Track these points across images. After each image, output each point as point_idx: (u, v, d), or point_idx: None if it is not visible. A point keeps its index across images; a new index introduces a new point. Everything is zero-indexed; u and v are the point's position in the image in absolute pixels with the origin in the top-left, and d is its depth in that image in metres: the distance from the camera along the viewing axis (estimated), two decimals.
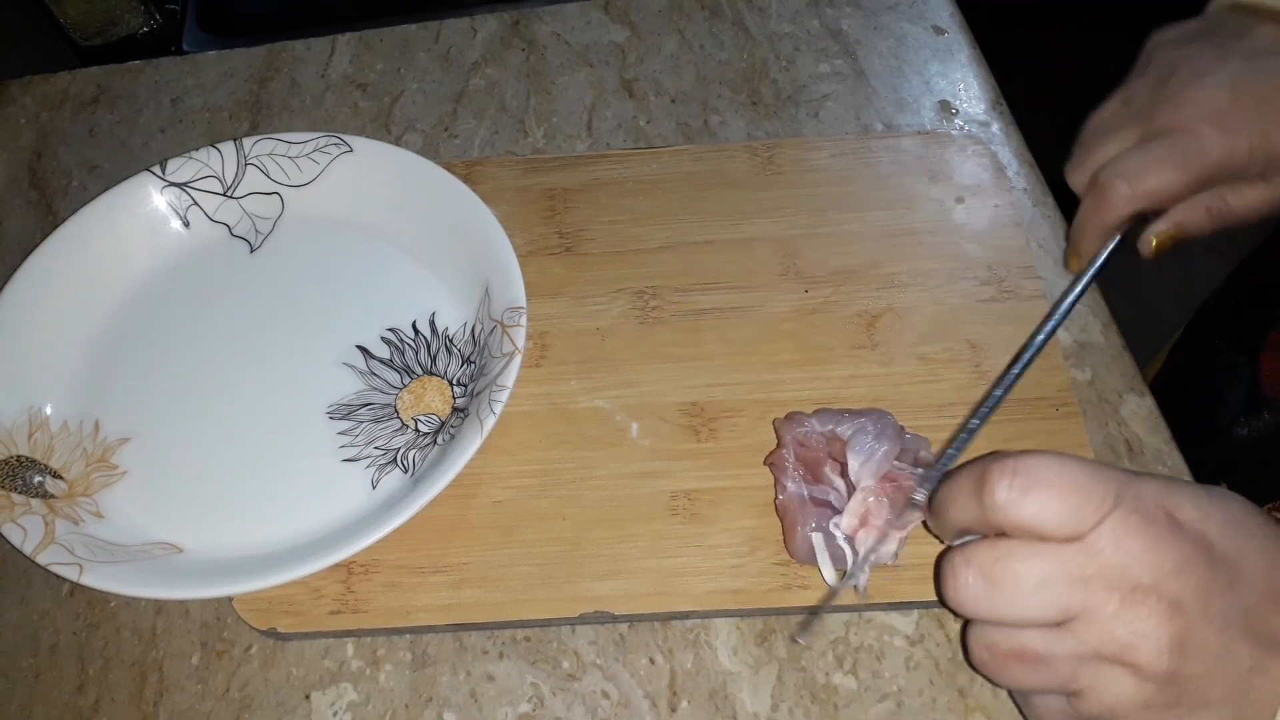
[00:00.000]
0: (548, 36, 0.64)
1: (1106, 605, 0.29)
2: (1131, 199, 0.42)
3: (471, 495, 0.44)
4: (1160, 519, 0.29)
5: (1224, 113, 0.41)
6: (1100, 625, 0.29)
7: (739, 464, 0.44)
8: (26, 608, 0.45)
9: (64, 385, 0.48)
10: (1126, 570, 0.29)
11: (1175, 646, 0.28)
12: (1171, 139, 0.42)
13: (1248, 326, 0.59)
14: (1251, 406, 0.56)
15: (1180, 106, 0.42)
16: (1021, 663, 0.31)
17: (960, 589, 0.30)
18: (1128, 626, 0.29)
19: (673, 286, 0.50)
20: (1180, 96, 0.42)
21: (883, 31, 0.63)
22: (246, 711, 0.41)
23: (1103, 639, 0.29)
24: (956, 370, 0.47)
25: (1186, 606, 0.29)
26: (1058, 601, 0.29)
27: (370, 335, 0.49)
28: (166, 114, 0.63)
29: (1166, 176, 0.41)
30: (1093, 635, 0.29)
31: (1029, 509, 0.29)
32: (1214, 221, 0.44)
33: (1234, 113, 0.41)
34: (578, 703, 0.41)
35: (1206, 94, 0.42)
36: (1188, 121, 0.42)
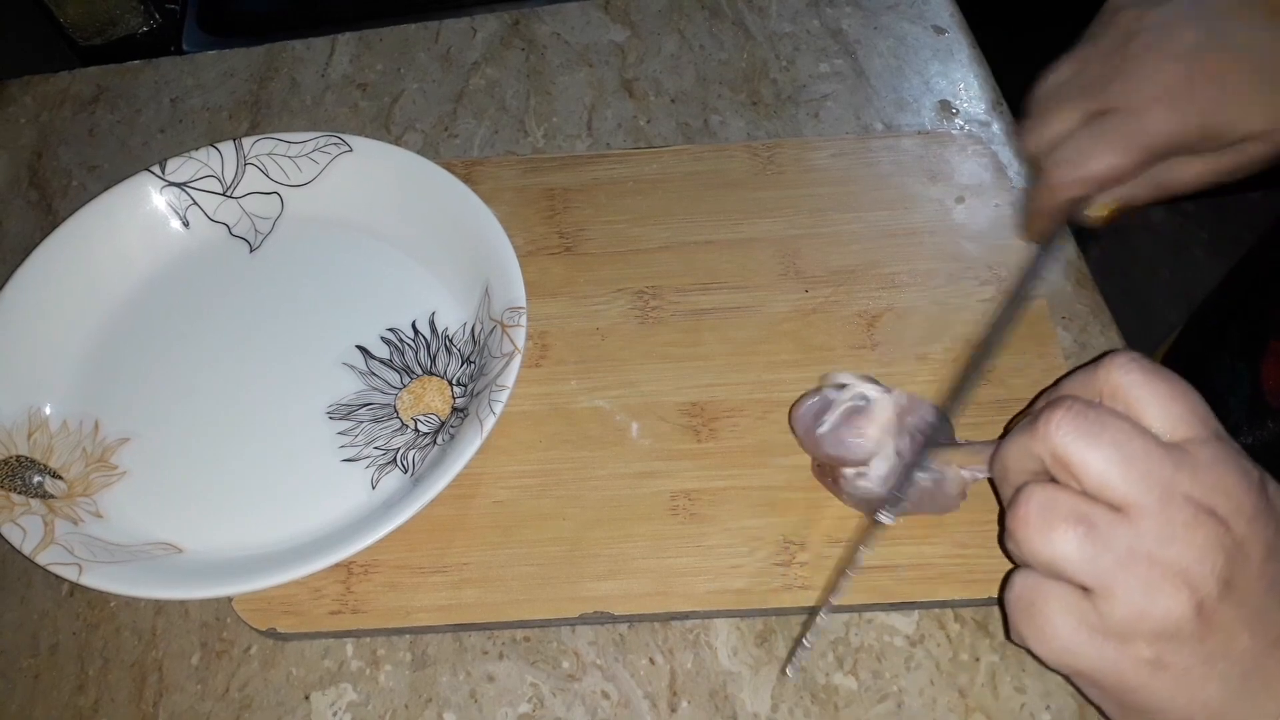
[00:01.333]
0: (548, 36, 0.64)
1: (1181, 512, 0.28)
2: (1077, 185, 0.42)
3: (471, 495, 0.44)
4: (1255, 475, 0.30)
5: (1176, 91, 0.40)
6: (1167, 529, 0.28)
7: (739, 464, 0.44)
8: (26, 608, 0.45)
9: (64, 385, 0.48)
10: (1212, 492, 0.29)
11: (1224, 581, 0.28)
12: (1120, 120, 0.41)
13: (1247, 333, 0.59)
14: (1254, 415, 0.56)
15: (1133, 82, 0.41)
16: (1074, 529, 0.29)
17: (1061, 425, 0.29)
18: (1191, 541, 0.28)
19: (673, 286, 0.50)
20: (1134, 71, 0.41)
21: (883, 31, 0.63)
22: (246, 711, 0.41)
23: (1163, 541, 0.28)
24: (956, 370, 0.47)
25: (1248, 551, 0.29)
26: (1141, 482, 0.28)
27: (370, 335, 0.49)
28: (166, 114, 0.63)
29: (1113, 161, 0.41)
30: (1155, 535, 0.28)
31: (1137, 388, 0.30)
32: (1157, 193, 0.44)
33: (1186, 91, 0.40)
34: (578, 703, 0.41)
35: (1158, 69, 0.41)
36: (1139, 100, 0.40)
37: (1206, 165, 0.42)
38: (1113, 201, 0.44)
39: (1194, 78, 0.40)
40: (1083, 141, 0.41)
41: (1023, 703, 0.40)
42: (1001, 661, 0.41)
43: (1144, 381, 0.30)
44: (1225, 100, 0.40)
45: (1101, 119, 0.41)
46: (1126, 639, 0.29)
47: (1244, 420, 0.56)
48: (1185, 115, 0.40)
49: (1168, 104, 0.40)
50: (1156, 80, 0.40)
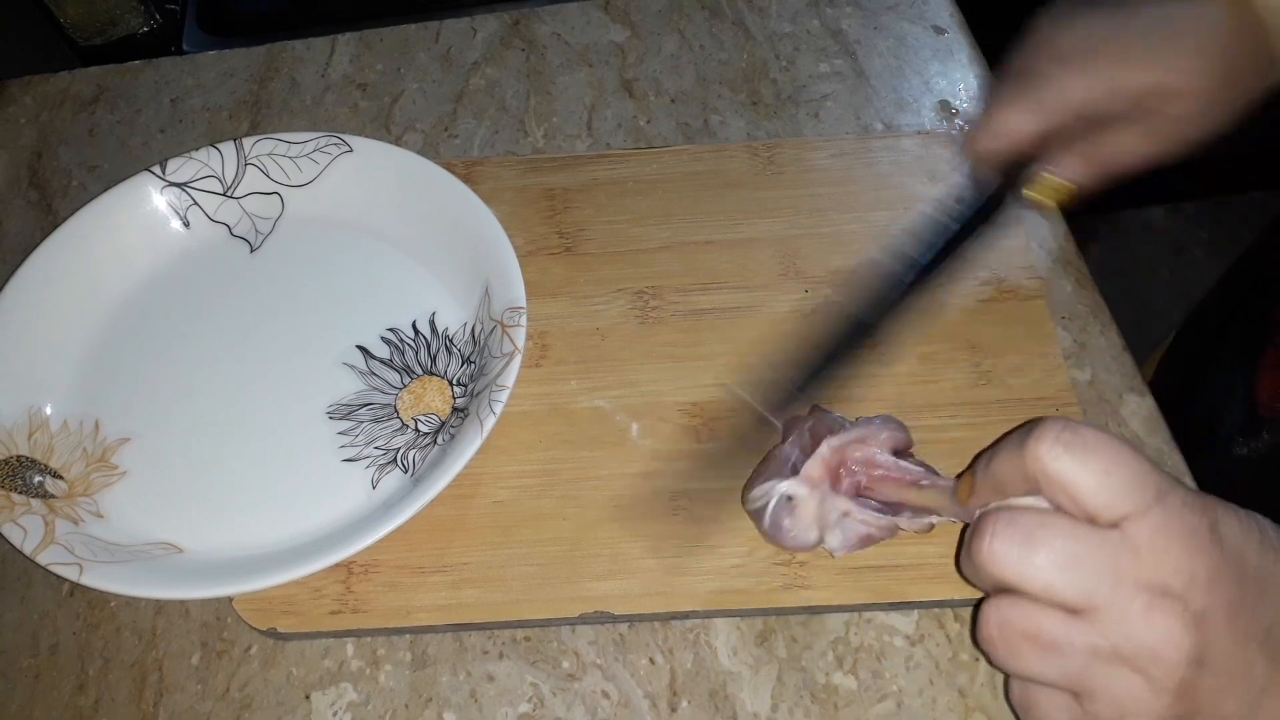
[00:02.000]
0: (548, 36, 0.64)
1: (1133, 602, 0.28)
2: (986, 139, 0.43)
3: (471, 495, 0.44)
4: (1202, 527, 0.29)
5: (1076, 54, 0.42)
6: (1124, 622, 0.28)
7: (739, 464, 0.44)
8: (26, 608, 0.45)
9: (64, 385, 0.48)
10: (1160, 571, 0.28)
11: (1195, 659, 0.28)
12: (1029, 80, 0.42)
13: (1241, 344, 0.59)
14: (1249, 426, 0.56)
15: (1034, 51, 0.43)
16: (1035, 646, 0.29)
17: (994, 543, 0.29)
18: (1151, 629, 0.28)
19: (673, 286, 0.50)
20: (1034, 44, 0.43)
21: (883, 31, 0.63)
22: (246, 711, 0.41)
23: (1123, 636, 0.28)
24: (956, 370, 0.47)
25: (1211, 621, 0.28)
26: (1086, 583, 0.28)
27: (370, 335, 0.49)
28: (166, 114, 0.63)
29: (1015, 117, 0.42)
30: (1114, 631, 0.28)
31: (1068, 465, 0.28)
32: (1094, 169, 0.44)
33: (1083, 53, 0.41)
34: (578, 703, 0.41)
35: (1061, 38, 0.42)
36: (1038, 63, 0.42)
37: (1138, 135, 0.43)
38: (1057, 184, 0.44)
39: (1091, 41, 0.42)
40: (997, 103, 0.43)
41: None
42: None
43: (1072, 464, 0.29)
44: (1120, 57, 0.41)
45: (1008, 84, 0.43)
46: None
47: (1238, 431, 0.56)
48: (1084, 74, 0.41)
49: (1067, 66, 0.42)
50: (1057, 46, 0.42)
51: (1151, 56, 0.41)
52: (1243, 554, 0.29)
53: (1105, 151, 0.43)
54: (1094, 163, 0.44)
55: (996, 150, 0.43)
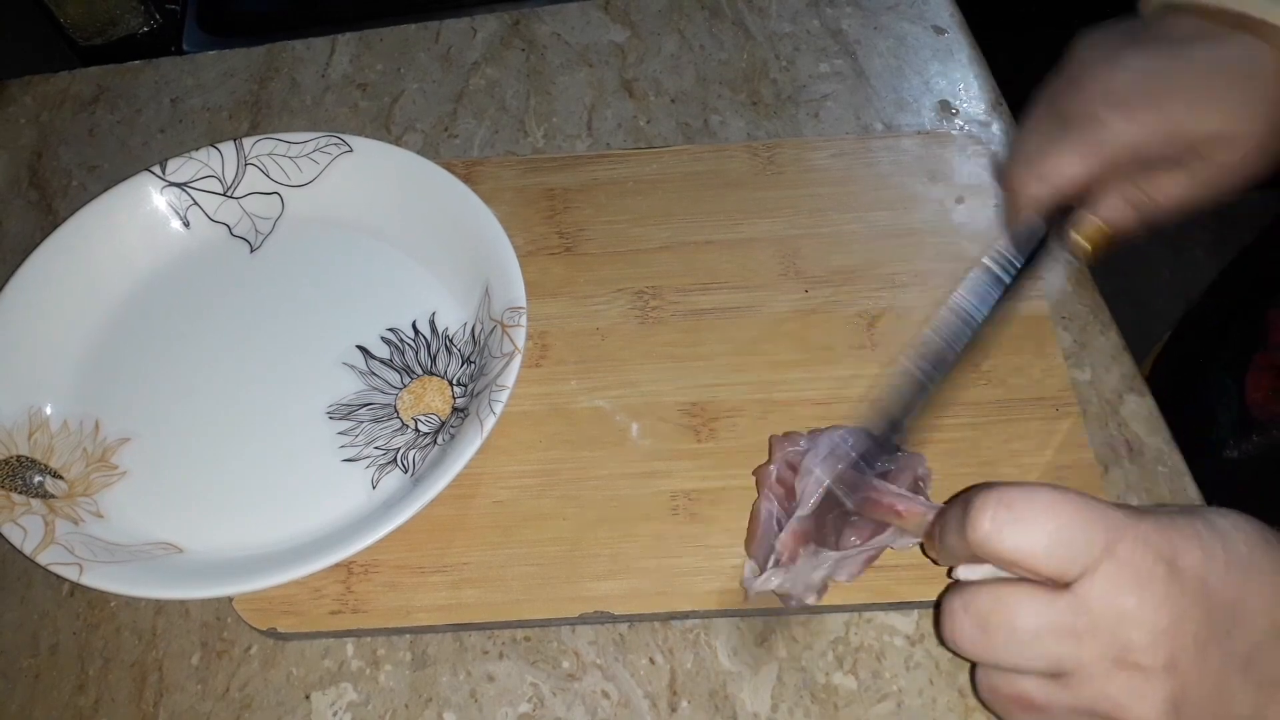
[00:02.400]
0: (548, 36, 0.64)
1: (1099, 664, 0.28)
2: (1034, 184, 0.42)
3: (471, 495, 0.44)
4: (1157, 571, 0.28)
5: (1128, 97, 0.40)
6: (1094, 684, 0.29)
7: (739, 464, 0.44)
8: (26, 608, 0.45)
9: (64, 385, 0.48)
10: (1119, 629, 0.28)
11: (1170, 705, 0.28)
12: (1074, 125, 0.41)
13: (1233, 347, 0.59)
14: (1240, 428, 0.56)
15: (1085, 92, 0.42)
16: (1022, 708, 0.31)
17: (956, 633, 0.31)
18: (1121, 688, 0.28)
19: (673, 286, 0.50)
20: (1083, 82, 0.42)
21: (883, 31, 0.63)
22: (246, 711, 0.41)
23: (1096, 697, 0.29)
24: (956, 370, 0.47)
25: (1181, 665, 0.28)
26: (1051, 655, 0.29)
27: (370, 335, 0.49)
28: (166, 114, 0.63)
29: (1066, 162, 0.41)
30: (1087, 692, 0.29)
31: (1009, 542, 0.29)
32: (1139, 215, 0.43)
33: (1140, 97, 0.40)
34: (578, 703, 0.41)
35: (1112, 79, 0.41)
36: (1090, 106, 0.41)
37: (1183, 178, 0.42)
38: (1099, 228, 0.44)
39: (1147, 86, 0.40)
40: (1042, 145, 0.42)
41: None
42: None
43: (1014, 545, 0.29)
44: (1179, 103, 0.40)
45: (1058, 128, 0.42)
46: None
47: (1231, 434, 0.56)
48: (1141, 120, 0.40)
49: (1122, 110, 0.40)
50: (1108, 89, 0.41)
51: (1207, 102, 0.40)
52: (1206, 585, 0.29)
53: (1150, 195, 0.43)
54: (1138, 207, 0.43)
55: (1046, 196, 0.42)
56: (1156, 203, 0.43)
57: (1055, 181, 0.42)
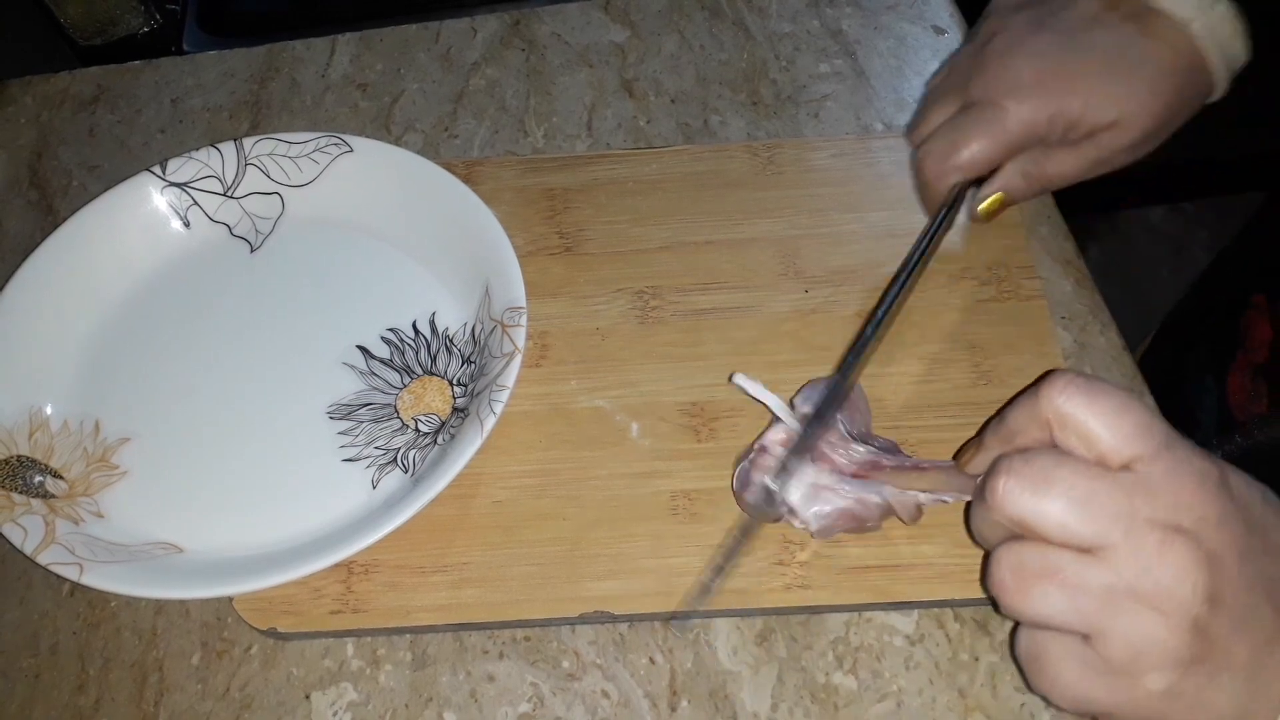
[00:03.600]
0: (548, 36, 0.64)
1: (1148, 539, 0.28)
2: (945, 171, 0.46)
3: (471, 495, 0.44)
4: (1212, 473, 0.29)
5: (1026, 85, 0.44)
6: (1137, 559, 0.28)
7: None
8: (26, 608, 0.45)
9: (64, 385, 0.48)
10: (1174, 510, 0.29)
11: (1209, 596, 0.28)
12: (979, 112, 0.45)
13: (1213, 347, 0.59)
14: (1223, 428, 0.56)
15: (988, 79, 0.45)
16: (1050, 585, 0.29)
17: (1010, 482, 0.29)
18: (1166, 565, 0.28)
19: (673, 286, 0.50)
20: (990, 68, 0.45)
21: (883, 31, 0.63)
22: (246, 711, 0.41)
23: (1138, 573, 0.28)
24: (956, 370, 0.47)
25: (1224, 561, 0.29)
26: (1101, 520, 0.28)
27: (370, 335, 0.49)
28: (166, 114, 0.63)
29: (974, 149, 0.45)
30: (1129, 568, 0.28)
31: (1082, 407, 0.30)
32: (1032, 185, 0.47)
33: (1035, 85, 0.44)
34: (578, 703, 0.41)
35: (1012, 67, 0.45)
36: (993, 93, 0.44)
37: (1075, 157, 0.46)
38: (994, 193, 0.47)
39: (1044, 73, 0.44)
40: (949, 133, 0.46)
41: (1022, 702, 0.40)
42: (1001, 661, 0.41)
43: (1086, 404, 0.30)
44: (1077, 91, 0.43)
45: (964, 113, 0.46)
46: (1134, 675, 0.29)
47: (1213, 433, 0.57)
48: (1037, 106, 0.44)
49: (1021, 96, 0.44)
50: (1011, 76, 0.45)
51: (1101, 94, 0.44)
52: (1249, 504, 0.30)
53: (1045, 170, 0.46)
54: (1034, 180, 0.47)
55: (958, 180, 0.46)
56: (1049, 177, 0.47)
57: (969, 171, 0.46)
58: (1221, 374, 0.57)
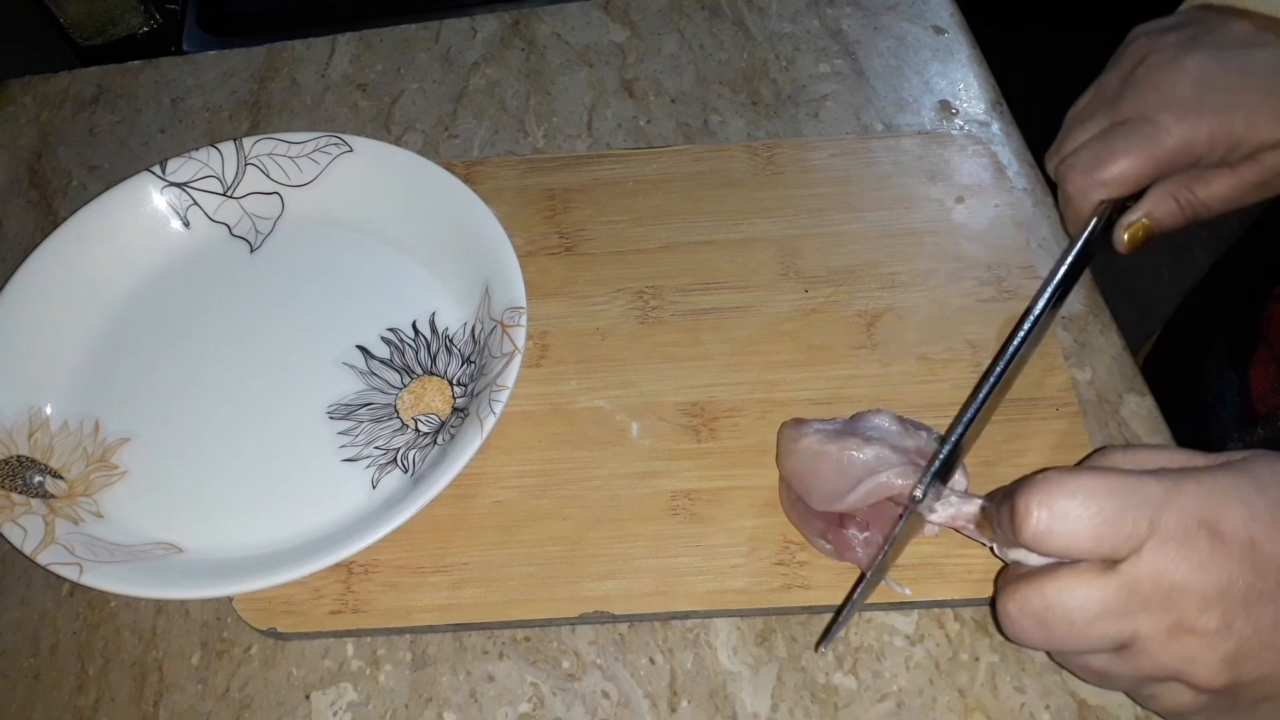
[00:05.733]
0: (548, 36, 0.64)
1: (1154, 637, 0.29)
2: (1090, 185, 0.43)
3: (471, 495, 0.44)
4: (1200, 540, 0.29)
5: (1184, 100, 0.42)
6: (1152, 654, 0.30)
7: (739, 464, 0.44)
8: (26, 608, 0.45)
9: (64, 385, 0.48)
10: (1169, 601, 0.29)
11: (1227, 665, 0.29)
12: (1130, 126, 0.42)
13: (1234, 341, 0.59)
14: (1243, 422, 0.56)
15: (1143, 93, 0.43)
16: (1089, 674, 0.33)
17: (1017, 630, 0.32)
18: (1177, 656, 0.29)
19: (673, 286, 0.50)
20: (1144, 83, 0.43)
21: (883, 31, 0.63)
22: (246, 711, 0.41)
23: (1155, 667, 0.30)
24: (956, 370, 0.47)
25: (1235, 625, 0.29)
26: (1109, 635, 0.30)
27: (370, 335, 0.49)
28: (166, 114, 0.63)
29: (1123, 163, 0.42)
30: (1146, 663, 0.30)
31: (1057, 541, 0.30)
32: (1184, 212, 0.44)
33: (1194, 100, 0.41)
34: (578, 703, 0.41)
35: (1168, 81, 0.42)
36: (1148, 109, 0.42)
37: (1229, 180, 0.43)
38: (1140, 219, 0.44)
39: (1201, 89, 0.41)
40: (1097, 147, 0.43)
41: (1022, 702, 0.40)
42: (1001, 661, 0.41)
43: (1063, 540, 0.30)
44: (1234, 108, 0.41)
45: (1114, 128, 0.43)
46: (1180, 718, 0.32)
47: (1233, 428, 0.56)
48: (1195, 123, 0.41)
49: (1177, 112, 0.41)
50: (1165, 90, 0.42)
51: (1264, 112, 0.41)
52: (1253, 542, 0.29)
53: (1198, 194, 0.44)
54: (1185, 205, 0.44)
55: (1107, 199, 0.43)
56: (1203, 202, 0.44)
57: (1116, 187, 0.43)
58: (1243, 368, 0.57)
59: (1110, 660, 0.31)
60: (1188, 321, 0.67)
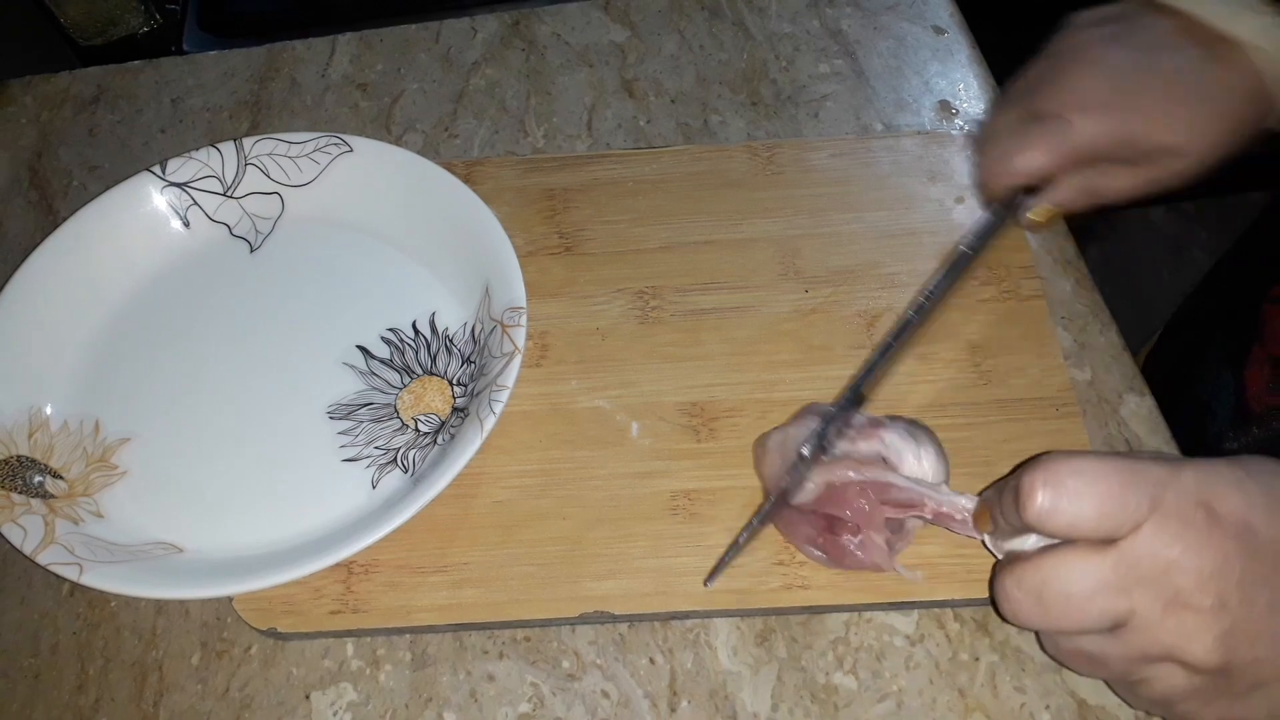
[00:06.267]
0: (548, 36, 0.64)
1: (1150, 613, 0.30)
2: (1001, 173, 0.46)
3: (471, 495, 0.44)
4: (1198, 519, 0.30)
5: (1095, 102, 0.44)
6: (1147, 632, 0.30)
7: (739, 464, 0.44)
8: (26, 608, 0.45)
9: (64, 385, 0.48)
10: (1166, 578, 0.29)
11: (1221, 643, 0.29)
12: (1045, 124, 0.44)
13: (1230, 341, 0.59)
14: (1239, 421, 0.56)
15: (1058, 91, 0.45)
16: (1083, 661, 0.33)
17: (1014, 608, 0.32)
18: (1173, 632, 0.30)
19: (673, 286, 0.50)
20: (1061, 81, 0.45)
21: (883, 31, 0.63)
22: (246, 711, 0.41)
23: (1150, 644, 0.30)
24: (956, 370, 0.47)
25: (1230, 604, 0.29)
26: (1106, 612, 0.30)
27: (370, 335, 0.49)
28: (166, 114, 0.63)
29: (1034, 159, 0.45)
30: (1141, 640, 0.30)
31: (1063, 518, 0.30)
32: (1087, 200, 0.47)
33: (1105, 103, 0.44)
34: (578, 703, 0.41)
35: (1084, 82, 0.44)
36: (1061, 107, 0.44)
37: (1131, 176, 0.46)
38: (1049, 206, 0.48)
39: (1114, 92, 0.44)
40: (1012, 140, 0.45)
41: (1022, 702, 0.40)
42: (1001, 661, 0.41)
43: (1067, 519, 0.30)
44: (1142, 114, 0.43)
45: (1032, 122, 0.45)
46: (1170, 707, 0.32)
47: (1229, 427, 0.57)
48: (1105, 124, 0.44)
49: (1090, 113, 0.44)
50: (1080, 92, 0.44)
51: (1164, 118, 0.43)
52: (1249, 527, 0.30)
53: (1100, 186, 0.46)
54: (1088, 194, 0.47)
55: (1016, 185, 0.46)
56: (1104, 194, 0.47)
57: (1025, 174, 0.45)
58: (1239, 367, 0.57)
59: (1105, 642, 0.31)
60: (1187, 321, 0.67)
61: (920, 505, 0.38)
